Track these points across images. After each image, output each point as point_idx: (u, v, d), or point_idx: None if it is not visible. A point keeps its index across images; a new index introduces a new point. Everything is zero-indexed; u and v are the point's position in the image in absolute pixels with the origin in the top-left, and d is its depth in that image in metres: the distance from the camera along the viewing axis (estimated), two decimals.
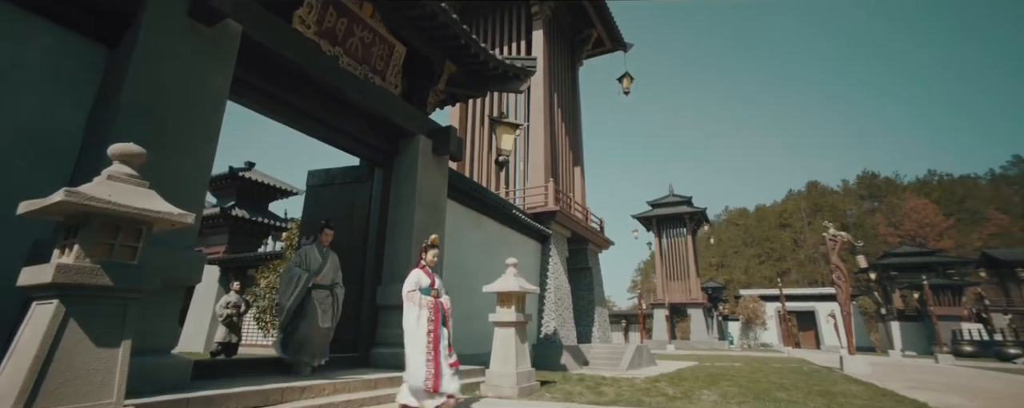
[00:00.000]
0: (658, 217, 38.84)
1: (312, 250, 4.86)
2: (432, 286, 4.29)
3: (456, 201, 8.18)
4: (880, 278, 37.81)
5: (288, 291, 4.56)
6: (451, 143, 6.61)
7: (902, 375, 9.50)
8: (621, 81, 13.97)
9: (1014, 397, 6.22)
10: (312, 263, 4.76)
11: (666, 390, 5.33)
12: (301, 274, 4.62)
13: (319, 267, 4.76)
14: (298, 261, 4.74)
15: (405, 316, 4.11)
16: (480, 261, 8.55)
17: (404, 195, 6.12)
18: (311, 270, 4.69)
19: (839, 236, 10.29)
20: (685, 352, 23.24)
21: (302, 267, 4.68)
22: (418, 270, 4.34)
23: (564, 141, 13.66)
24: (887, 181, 73.98)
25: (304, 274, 4.63)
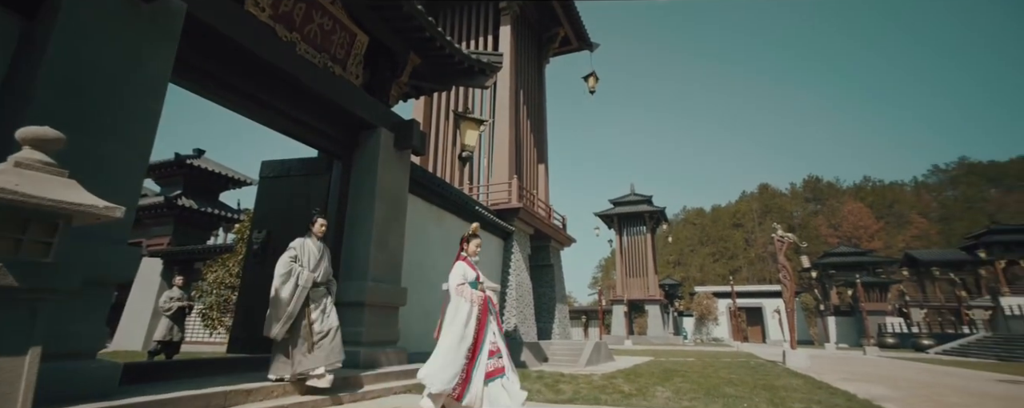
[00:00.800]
0: (619, 215, 39.72)
1: (308, 243, 4.29)
2: (478, 280, 3.86)
3: (418, 196, 8.03)
4: (820, 276, 40.43)
5: (284, 293, 3.89)
6: (414, 137, 6.46)
7: (836, 367, 10.16)
8: (587, 80, 14.12)
9: (927, 385, 6.80)
10: (309, 258, 4.20)
11: (622, 387, 5.44)
12: (299, 271, 4.01)
13: (317, 263, 4.24)
14: (293, 255, 4.12)
15: (450, 311, 3.67)
16: (441, 257, 8.44)
17: (364, 189, 5.93)
18: (309, 266, 4.13)
19: (786, 237, 10.86)
20: (642, 347, 23.96)
21: (300, 263, 4.08)
22: (461, 262, 3.92)
23: (529, 138, 13.68)
24: (829, 185, 78.98)
25: (302, 271, 4.02)
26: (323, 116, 5.59)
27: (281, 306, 3.92)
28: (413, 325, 7.35)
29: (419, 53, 6.44)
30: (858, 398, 4.70)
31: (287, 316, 3.92)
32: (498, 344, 3.70)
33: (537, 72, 15.14)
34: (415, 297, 7.44)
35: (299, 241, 4.27)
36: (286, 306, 3.93)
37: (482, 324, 3.64)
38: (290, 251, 4.16)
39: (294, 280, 4.00)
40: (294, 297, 3.96)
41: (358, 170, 6.03)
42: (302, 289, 4.01)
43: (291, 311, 3.94)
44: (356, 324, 5.26)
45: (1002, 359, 17.52)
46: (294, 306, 3.95)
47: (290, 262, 4.06)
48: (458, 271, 3.86)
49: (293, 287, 3.97)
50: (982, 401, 5.16)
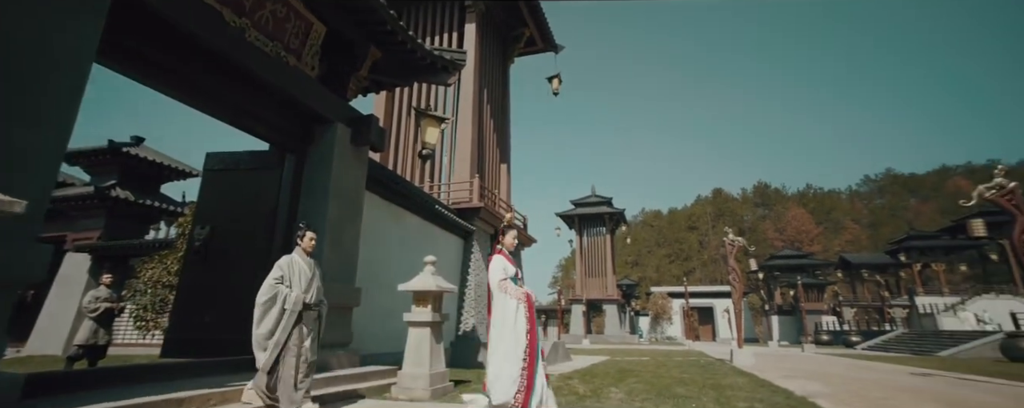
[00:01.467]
0: (580, 216, 40.37)
1: (296, 260, 3.84)
2: (518, 276, 3.54)
3: (376, 194, 7.80)
4: (766, 278, 42.73)
5: (268, 322, 3.46)
6: (372, 133, 6.25)
7: (777, 364, 10.74)
8: (551, 81, 14.22)
9: (854, 380, 7.33)
10: (300, 277, 3.76)
11: (577, 388, 5.49)
12: (286, 294, 3.58)
13: (308, 283, 3.79)
14: (280, 275, 3.67)
15: (496, 311, 3.35)
16: (399, 256, 8.24)
17: (318, 186, 5.67)
18: (300, 286, 3.70)
19: (736, 241, 11.36)
20: (599, 346, 24.44)
21: (286, 283, 3.65)
22: (499, 256, 3.57)
23: (492, 137, 13.62)
24: (776, 192, 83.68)
25: (290, 293, 3.60)
26: (275, 108, 5.30)
27: (265, 336, 3.50)
28: (368, 326, 7.13)
29: (380, 47, 6.24)
30: (796, 395, 4.97)
31: (273, 345, 3.51)
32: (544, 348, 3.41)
33: (502, 71, 15.10)
34: (371, 297, 7.21)
35: (286, 259, 3.84)
36: (270, 336, 3.51)
37: (533, 323, 3.30)
38: (275, 271, 3.72)
39: (280, 305, 3.58)
40: (281, 324, 3.53)
41: (312, 165, 5.77)
42: (290, 313, 3.58)
43: (277, 340, 3.52)
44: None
45: (915, 353, 19.16)
46: (281, 334, 3.53)
47: (274, 285, 3.63)
48: (497, 265, 3.48)
49: (279, 313, 3.55)
50: (897, 394, 5.62)
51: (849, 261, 40.54)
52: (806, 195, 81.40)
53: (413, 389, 5.02)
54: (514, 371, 3.12)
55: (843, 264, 41.11)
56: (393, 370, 5.66)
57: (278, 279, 3.67)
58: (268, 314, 3.54)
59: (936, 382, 7.40)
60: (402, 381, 5.12)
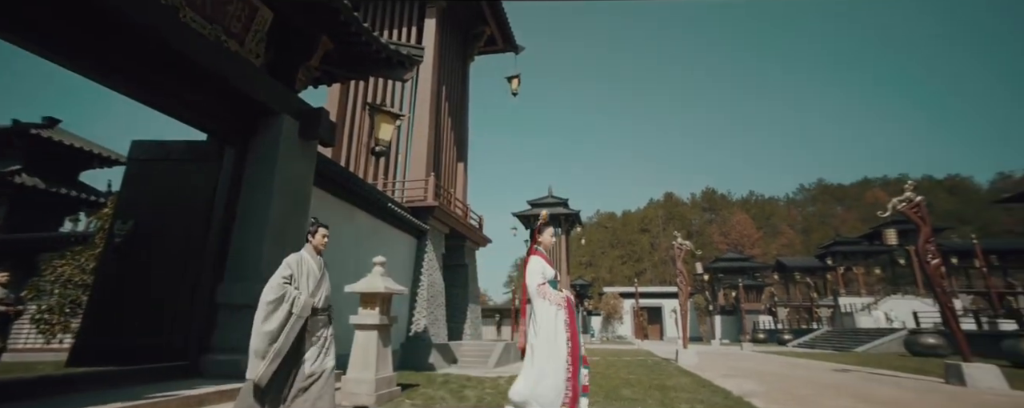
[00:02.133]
0: (536, 216, 40.74)
1: (306, 259, 3.47)
2: (556, 278, 3.28)
3: (325, 190, 7.48)
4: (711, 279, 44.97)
5: (272, 324, 3.10)
6: (322, 126, 5.98)
7: (718, 363, 11.29)
8: (510, 81, 14.22)
9: (784, 378, 7.82)
10: (309, 279, 3.39)
11: None
12: (294, 296, 3.22)
13: (317, 285, 3.44)
14: (288, 274, 3.31)
15: (536, 317, 3.09)
16: (349, 255, 7.95)
17: (261, 181, 5.35)
18: (308, 289, 3.33)
19: (684, 245, 11.84)
20: None
21: (295, 285, 3.29)
22: (536, 257, 3.29)
23: (449, 135, 13.45)
24: (722, 197, 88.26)
25: (299, 296, 3.23)
26: (214, 96, 4.94)
27: (267, 341, 3.08)
28: None
29: (332, 37, 5.97)
30: (733, 395, 5.24)
31: (275, 353, 3.08)
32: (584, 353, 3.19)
33: (461, 69, 14.94)
34: None
35: (295, 257, 3.46)
36: (273, 341, 3.08)
37: (574, 330, 3.09)
38: (284, 269, 3.33)
39: (288, 306, 3.18)
40: (286, 329, 3.13)
41: (255, 159, 5.43)
42: (297, 319, 3.19)
43: (280, 347, 3.10)
44: (243, 329, 4.71)
45: (837, 349, 20.85)
46: (285, 341, 3.12)
47: (282, 284, 3.24)
48: (535, 268, 3.23)
49: (285, 316, 3.15)
50: (822, 391, 6.05)
51: (784, 264, 43.48)
52: (749, 201, 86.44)
53: (358, 395, 4.84)
54: (558, 381, 2.94)
55: (779, 267, 44.03)
56: (339, 374, 5.44)
57: (286, 278, 3.28)
58: (273, 316, 3.13)
59: (853, 378, 8.04)
60: (346, 387, 4.93)
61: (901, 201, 8.24)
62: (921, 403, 5.27)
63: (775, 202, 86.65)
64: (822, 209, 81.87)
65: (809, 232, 74.01)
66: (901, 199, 8.24)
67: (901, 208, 8.22)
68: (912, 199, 8.14)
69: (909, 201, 8.15)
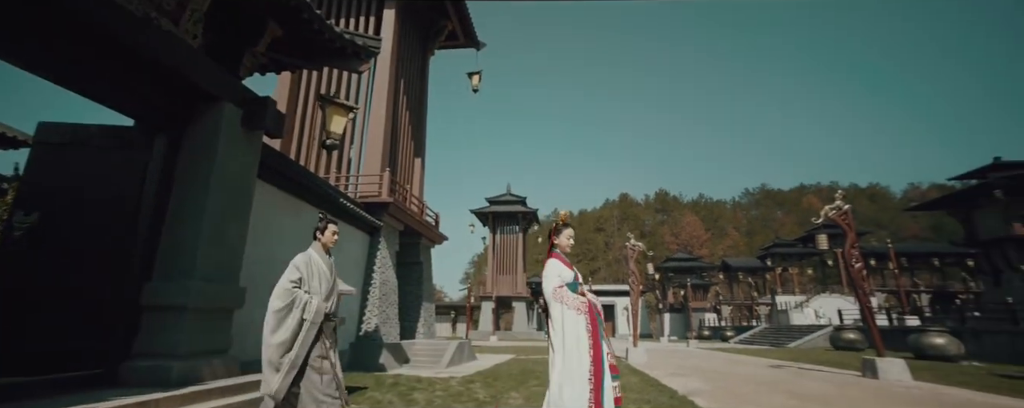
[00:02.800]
0: (494, 213, 40.75)
1: (315, 258, 3.21)
2: (577, 279, 3.05)
3: (272, 184, 7.09)
4: (661, 278, 46.75)
5: (284, 333, 2.84)
6: (268, 116, 5.63)
7: (666, 361, 11.73)
8: (471, 77, 14.07)
9: (725, 375, 8.23)
10: (320, 280, 3.13)
11: (477, 393, 5.45)
12: (305, 301, 2.98)
13: (330, 287, 3.20)
14: (297, 279, 3.06)
15: (554, 324, 2.87)
16: (296, 253, 7.57)
17: (198, 172, 4.96)
18: (321, 293, 3.09)
19: (636, 246, 12.19)
20: (507, 344, 24.83)
21: (305, 288, 3.04)
22: (554, 259, 3.09)
23: (406, 130, 13.14)
24: (674, 199, 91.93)
25: (311, 300, 3.00)
26: (143, 77, 4.52)
27: (280, 351, 2.84)
28: (255, 329, 6.45)
29: (280, 22, 5.64)
30: (679, 394, 5.44)
31: (290, 364, 2.84)
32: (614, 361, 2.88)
33: (421, 62, 14.63)
34: (260, 298, 6.53)
35: (303, 258, 3.20)
36: (287, 351, 2.85)
37: (596, 337, 2.82)
38: (292, 272, 3.07)
39: (299, 313, 2.94)
40: (300, 338, 2.89)
41: (191, 148, 5.04)
42: (311, 325, 2.95)
43: (295, 357, 2.85)
44: (172, 332, 4.37)
45: (773, 345, 22.29)
46: (300, 350, 2.87)
47: (291, 289, 3.00)
48: (552, 271, 3.03)
49: (297, 324, 2.91)
50: (759, 388, 6.42)
51: (729, 265, 45.90)
52: (699, 204, 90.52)
53: None
54: (577, 393, 2.70)
55: (725, 267, 46.43)
56: None
57: (296, 282, 3.04)
58: (284, 324, 2.89)
59: (786, 373, 8.58)
60: None
61: (832, 209, 8.87)
62: (842, 396, 5.70)
63: (723, 205, 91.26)
64: (764, 213, 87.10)
65: (752, 234, 78.48)
66: (832, 207, 8.87)
67: (832, 215, 8.85)
68: (841, 207, 8.78)
69: (839, 209, 8.78)
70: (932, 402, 5.41)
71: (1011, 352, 13.00)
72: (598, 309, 2.95)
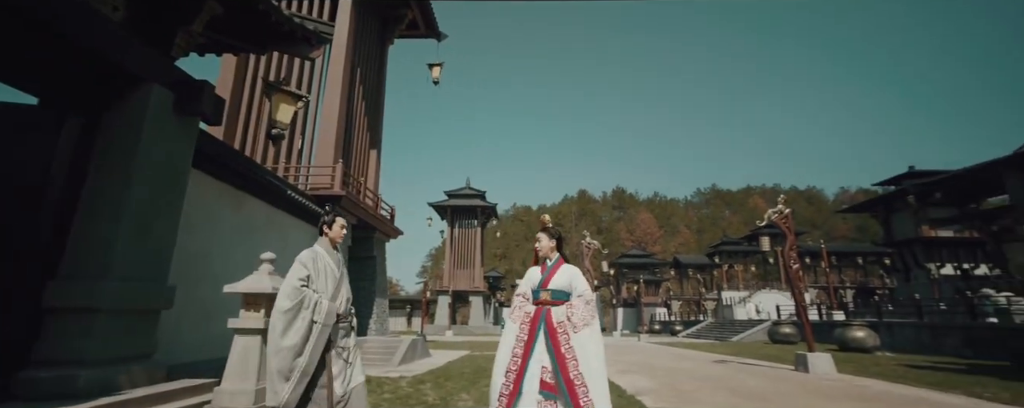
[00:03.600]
0: (453, 207, 40.38)
1: (321, 255, 2.93)
2: (544, 285, 2.78)
3: (209, 174, 6.61)
4: (616, 274, 48.08)
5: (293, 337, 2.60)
6: (204, 101, 5.21)
7: (617, 357, 12.03)
8: (432, 69, 13.73)
9: (671, 372, 8.54)
10: (327, 279, 2.86)
11: (427, 395, 5.33)
12: (315, 301, 2.72)
13: (336, 286, 2.92)
14: (305, 275, 2.77)
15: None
16: (236, 248, 7.13)
17: (118, 159, 4.50)
18: (328, 292, 2.83)
19: (592, 244, 12.38)
20: (462, 338, 24.73)
21: (314, 287, 2.78)
22: (535, 266, 2.98)
23: (362, 121, 12.67)
24: (630, 197, 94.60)
25: (321, 301, 2.74)
26: (46, 51, 4.03)
27: (290, 357, 2.59)
28: (187, 329, 6.05)
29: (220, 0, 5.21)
30: (627, 394, 5.56)
31: (301, 372, 2.61)
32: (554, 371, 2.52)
33: (379, 51, 14.12)
34: (194, 296, 6.12)
35: (309, 254, 2.89)
36: (297, 356, 2.61)
37: (527, 350, 2.59)
38: (299, 270, 2.78)
39: (309, 314, 2.68)
40: (310, 342, 2.65)
41: (111, 133, 4.56)
42: (323, 328, 2.70)
43: (306, 365, 2.62)
44: (80, 337, 3.95)
45: (718, 339, 23.45)
46: (311, 357, 2.64)
47: (300, 288, 2.72)
48: (525, 278, 2.98)
49: (307, 326, 2.66)
50: (702, 385, 6.68)
51: (680, 261, 47.87)
52: (654, 201, 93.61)
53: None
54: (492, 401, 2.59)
55: (676, 263, 48.37)
56: (212, 383, 4.82)
57: (304, 281, 2.75)
58: (293, 327, 2.63)
59: (728, 369, 9.00)
60: (219, 399, 4.36)
61: (774, 212, 9.35)
62: (776, 392, 6.02)
63: (676, 203, 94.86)
64: (714, 212, 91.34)
65: (703, 232, 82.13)
66: (774, 211, 9.35)
67: (774, 219, 9.33)
68: (783, 211, 9.27)
69: (780, 213, 9.27)
70: (855, 396, 5.81)
71: (917, 343, 14.35)
72: (552, 323, 2.62)
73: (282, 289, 2.79)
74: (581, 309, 2.66)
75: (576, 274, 2.82)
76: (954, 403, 5.39)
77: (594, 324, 2.65)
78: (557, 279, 2.77)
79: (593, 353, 2.54)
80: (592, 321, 2.65)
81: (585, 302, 2.70)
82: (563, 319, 2.62)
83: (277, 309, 2.73)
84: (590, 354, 2.52)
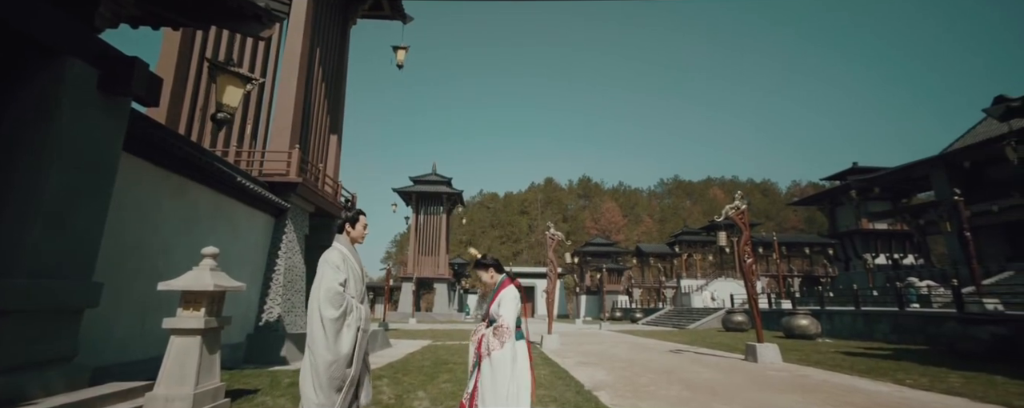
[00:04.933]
0: (418, 193, 39.74)
1: (349, 257, 2.77)
2: (486, 313, 2.87)
3: (147, 160, 6.09)
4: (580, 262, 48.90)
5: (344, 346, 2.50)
6: (136, 80, 4.73)
7: (578, 347, 12.21)
8: (396, 51, 13.19)
9: (628, 364, 8.71)
10: (355, 282, 2.74)
11: (382, 393, 5.18)
12: (355, 307, 2.65)
13: (363, 287, 2.88)
14: (343, 279, 2.63)
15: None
16: (176, 239, 6.65)
17: (27, 142, 4.02)
18: (358, 295, 2.75)
19: (556, 235, 12.40)
20: (425, 326, 24.57)
21: (348, 291, 2.67)
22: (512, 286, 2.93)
23: (322, 104, 12.08)
24: (596, 186, 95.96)
25: (360, 308, 2.68)
26: None
27: (343, 366, 2.51)
28: (123, 328, 5.62)
29: None
30: (585, 389, 5.60)
31: (350, 383, 2.55)
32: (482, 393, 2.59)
33: (340, 31, 13.43)
34: (130, 292, 5.69)
35: (338, 255, 2.70)
36: (347, 365, 2.54)
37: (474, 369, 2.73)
38: (336, 273, 2.61)
39: (355, 322, 2.60)
40: (356, 351, 2.58)
41: (19, 112, 4.06)
42: (364, 335, 2.66)
43: (354, 374, 2.57)
44: None
45: (676, 326, 24.34)
46: (358, 366, 2.59)
47: (343, 294, 2.59)
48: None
49: (355, 334, 2.58)
50: (658, 378, 6.83)
51: (643, 250, 49.19)
52: (618, 191, 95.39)
53: None
54: None
55: (638, 252, 49.68)
56: (143, 387, 4.48)
57: (343, 285, 2.62)
58: (343, 335, 2.51)
59: (683, 360, 9.29)
60: (151, 405, 4.06)
61: (731, 208, 9.62)
62: (727, 383, 6.24)
63: (639, 193, 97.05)
64: (676, 202, 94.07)
65: (664, 222, 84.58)
66: (731, 206, 9.62)
67: (731, 214, 9.60)
68: (739, 207, 9.55)
69: (737, 209, 9.54)
70: (797, 386, 6.10)
71: (853, 330, 15.39)
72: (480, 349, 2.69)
73: (322, 295, 2.60)
74: (490, 337, 2.67)
75: (504, 299, 2.79)
76: (882, 391, 5.78)
77: (504, 349, 2.62)
78: (494, 306, 2.79)
79: (501, 378, 2.54)
80: (500, 347, 2.63)
81: (497, 327, 2.70)
82: (485, 345, 2.67)
83: (322, 317, 2.56)
84: (498, 379, 2.54)
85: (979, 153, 21.72)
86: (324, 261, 2.72)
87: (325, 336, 2.53)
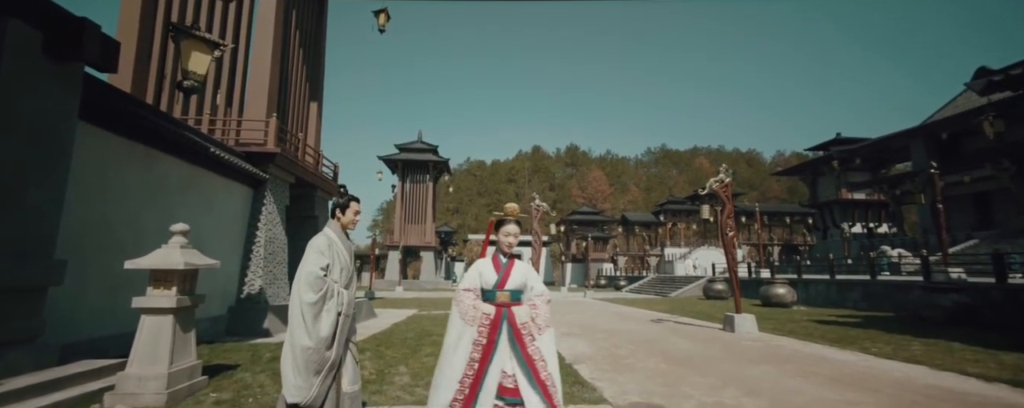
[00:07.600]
0: (404, 161, 39.19)
1: (336, 241, 2.72)
2: (500, 286, 2.48)
3: (110, 130, 5.77)
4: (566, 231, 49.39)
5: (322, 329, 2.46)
6: (87, 43, 4.39)
7: (560, 318, 12.41)
8: (377, 15, 12.55)
9: (611, 334, 8.90)
10: (342, 268, 2.69)
11: (364, 367, 5.19)
12: (338, 291, 2.59)
13: (350, 274, 2.76)
14: (326, 264, 2.57)
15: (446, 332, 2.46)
16: (144, 212, 6.41)
17: None
18: (342, 280, 2.68)
19: (541, 206, 12.36)
20: (412, 295, 24.79)
21: (334, 277, 2.62)
22: (482, 260, 2.60)
23: (300, 71, 11.54)
24: (583, 154, 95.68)
25: (342, 292, 2.62)
26: None
27: (321, 350, 2.47)
28: (91, 304, 5.49)
29: None
30: (565, 362, 5.68)
31: (329, 367, 2.50)
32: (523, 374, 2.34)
33: None
34: (96, 268, 5.49)
35: (325, 240, 2.67)
36: (325, 349, 2.49)
37: (484, 354, 2.35)
38: (317, 257, 2.57)
39: (334, 306, 2.55)
40: (337, 336, 2.54)
41: None
42: (346, 319, 2.60)
43: (334, 358, 2.52)
44: None
45: (659, 294, 24.99)
46: (337, 350, 2.54)
47: (323, 278, 2.54)
48: (471, 271, 2.59)
49: (334, 318, 2.53)
50: (637, 349, 6.99)
51: (628, 218, 49.80)
52: (605, 159, 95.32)
53: (141, 394, 3.96)
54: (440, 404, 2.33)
55: (623, 221, 50.32)
56: (116, 366, 4.41)
57: (325, 270, 2.57)
58: (321, 319, 2.48)
59: (663, 330, 9.52)
60: (123, 386, 3.98)
61: (715, 181, 9.63)
62: (704, 355, 6.42)
63: (626, 161, 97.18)
64: (662, 171, 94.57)
65: (651, 190, 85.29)
66: (716, 179, 9.62)
67: (715, 187, 9.62)
68: (723, 180, 9.56)
69: (721, 182, 9.55)
70: (770, 356, 6.31)
71: (826, 298, 15.99)
72: (516, 324, 2.41)
73: (303, 279, 2.58)
74: (544, 310, 2.53)
75: (531, 272, 2.64)
76: (848, 360, 6.03)
77: (552, 326, 2.55)
78: (514, 279, 2.54)
79: (553, 355, 2.46)
80: (551, 323, 2.55)
81: (546, 302, 2.58)
82: (527, 320, 2.45)
83: (301, 301, 2.54)
84: (552, 356, 2.44)
85: (957, 125, 22.01)
86: (310, 246, 2.69)
87: (303, 320, 2.51)
